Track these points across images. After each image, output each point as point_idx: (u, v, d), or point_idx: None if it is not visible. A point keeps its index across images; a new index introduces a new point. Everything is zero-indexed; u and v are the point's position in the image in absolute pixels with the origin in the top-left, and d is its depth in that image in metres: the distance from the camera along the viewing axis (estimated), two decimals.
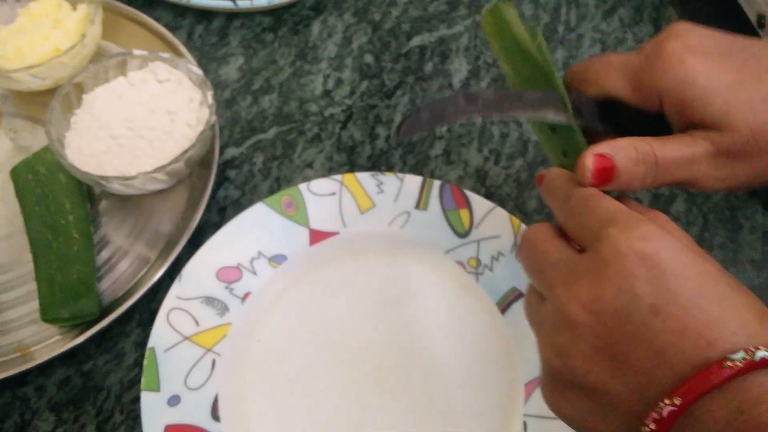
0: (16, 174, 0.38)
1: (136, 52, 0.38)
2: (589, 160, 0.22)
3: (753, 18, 0.44)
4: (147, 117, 0.37)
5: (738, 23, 0.45)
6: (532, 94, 0.24)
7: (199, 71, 0.37)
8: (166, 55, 0.38)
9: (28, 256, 0.36)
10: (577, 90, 0.25)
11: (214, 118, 0.36)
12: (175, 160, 0.34)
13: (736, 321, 0.18)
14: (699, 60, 0.23)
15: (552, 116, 0.24)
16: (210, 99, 0.36)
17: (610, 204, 0.21)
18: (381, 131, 0.42)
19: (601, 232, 0.20)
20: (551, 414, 0.31)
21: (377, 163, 0.41)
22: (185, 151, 0.34)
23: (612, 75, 0.24)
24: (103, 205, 0.38)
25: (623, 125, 0.25)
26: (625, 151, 0.22)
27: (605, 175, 0.22)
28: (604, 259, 0.19)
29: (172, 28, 0.45)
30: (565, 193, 0.23)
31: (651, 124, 0.24)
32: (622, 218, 0.20)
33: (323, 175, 0.40)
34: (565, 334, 0.20)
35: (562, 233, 0.23)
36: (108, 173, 0.35)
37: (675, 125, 0.24)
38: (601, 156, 0.22)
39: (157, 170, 0.34)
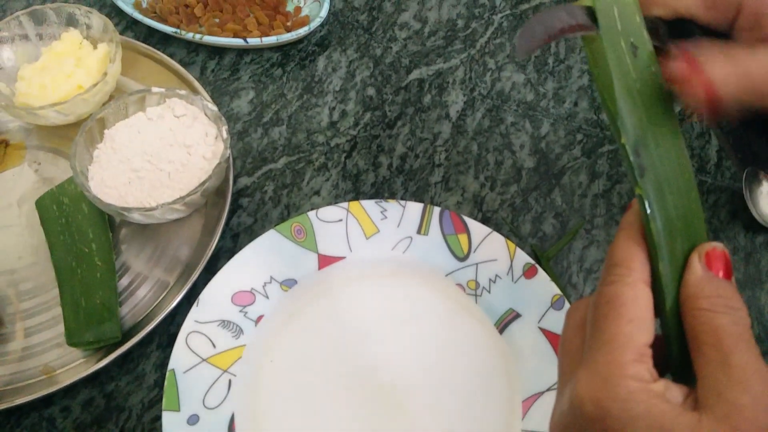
0: (41, 204, 0.40)
1: (155, 89, 0.41)
2: (674, 63, 0.19)
3: None
4: (165, 150, 0.39)
5: None
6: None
7: (213, 107, 0.40)
8: (182, 91, 0.41)
9: (53, 283, 0.38)
10: (645, 11, 0.23)
11: (228, 151, 0.38)
12: (193, 192, 0.37)
13: None
14: None
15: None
16: (225, 133, 0.39)
17: (615, 328, 0.18)
18: (383, 160, 0.44)
19: (583, 362, 0.19)
20: (547, 429, 0.33)
21: (380, 190, 0.43)
22: (202, 183, 0.37)
23: None
24: (123, 233, 0.40)
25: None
26: (708, 48, 0.19)
27: (705, 90, 0.19)
28: (569, 399, 0.19)
29: (186, 64, 0.48)
30: (605, 271, 0.20)
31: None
32: (604, 361, 0.18)
33: (330, 202, 0.42)
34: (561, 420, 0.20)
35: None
36: (130, 204, 0.37)
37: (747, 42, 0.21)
38: (685, 53, 0.19)
39: (176, 201, 0.36)
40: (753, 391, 0.17)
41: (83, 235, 0.38)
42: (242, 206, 0.42)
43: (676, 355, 0.20)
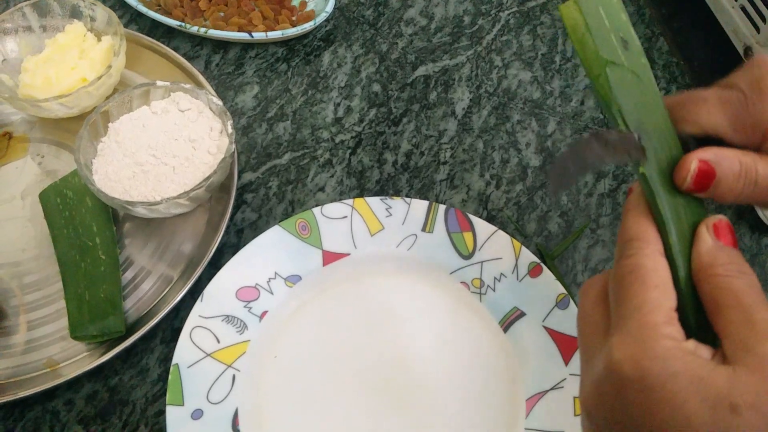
0: (44, 197, 0.40)
1: (159, 83, 0.40)
2: (693, 163, 0.21)
3: (740, 50, 0.46)
4: (170, 145, 0.39)
5: (726, 55, 0.48)
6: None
7: (218, 101, 0.40)
8: (187, 85, 0.40)
9: (57, 276, 0.38)
10: (678, 128, 0.24)
11: (233, 146, 0.38)
12: (198, 186, 0.36)
13: None
14: None
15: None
16: (230, 128, 0.39)
17: (642, 295, 0.20)
18: (388, 157, 0.44)
19: (613, 330, 0.20)
20: (551, 427, 0.33)
21: (385, 187, 0.43)
22: (207, 178, 0.37)
23: (711, 113, 0.23)
24: (127, 227, 0.40)
25: None
26: (729, 162, 0.21)
27: (704, 182, 0.21)
28: (605, 366, 0.19)
29: (191, 58, 0.47)
30: (621, 247, 0.21)
31: None
32: (637, 325, 0.19)
33: (334, 199, 0.42)
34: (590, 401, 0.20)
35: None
36: (134, 198, 0.37)
37: None
38: (705, 162, 0.21)
39: (180, 196, 0.36)
40: None
41: (87, 229, 0.38)
42: (246, 202, 0.42)
43: (692, 321, 0.21)
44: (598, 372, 0.20)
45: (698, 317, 0.20)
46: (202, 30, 0.47)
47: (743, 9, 0.45)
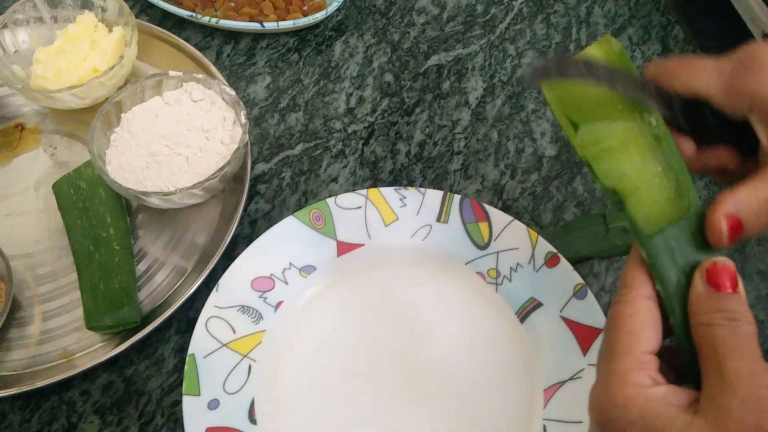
0: (58, 188, 0.40)
1: (172, 73, 0.40)
2: (723, 223, 0.21)
3: (758, 37, 0.46)
4: (183, 135, 0.39)
5: (743, 42, 0.47)
6: (634, 78, 0.24)
7: (231, 91, 0.39)
8: (200, 75, 0.40)
9: (71, 267, 0.38)
10: (663, 83, 0.25)
11: (247, 136, 0.38)
12: (212, 177, 0.36)
13: None
14: None
15: (647, 100, 0.24)
16: (243, 118, 0.38)
17: (614, 341, 0.20)
18: (402, 147, 0.44)
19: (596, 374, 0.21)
20: (569, 418, 0.33)
21: (398, 177, 0.43)
22: (221, 168, 0.36)
23: (704, 74, 0.23)
24: (141, 218, 0.40)
25: (705, 126, 0.25)
26: (747, 204, 0.21)
27: (736, 235, 0.21)
28: (588, 409, 0.20)
29: (202, 48, 0.47)
30: (621, 285, 0.22)
31: (732, 130, 0.24)
32: (606, 372, 0.20)
33: (347, 189, 0.42)
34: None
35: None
36: (148, 189, 0.37)
37: (761, 133, 0.23)
38: (731, 217, 0.21)
39: (194, 186, 0.36)
40: (741, 393, 0.18)
41: (101, 220, 0.38)
42: (260, 192, 0.42)
43: (688, 363, 0.21)
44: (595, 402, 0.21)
45: (693, 360, 0.21)
46: (213, 20, 0.46)
47: None
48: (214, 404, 0.32)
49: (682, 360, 0.21)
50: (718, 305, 0.20)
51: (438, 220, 0.38)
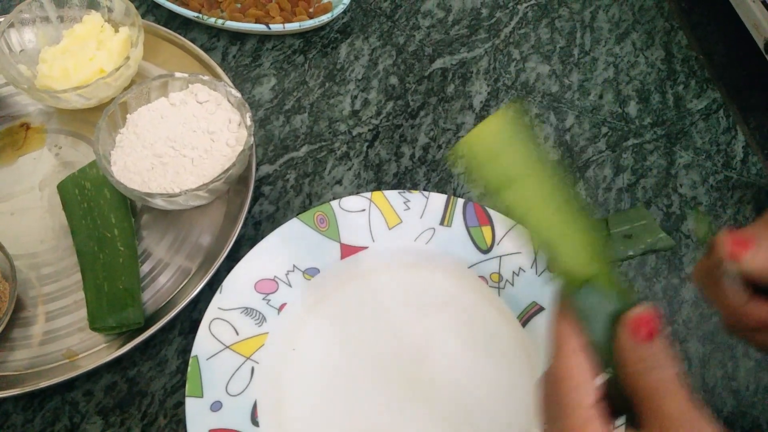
0: (63, 188, 0.40)
1: (178, 74, 0.40)
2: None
3: (760, 44, 0.46)
4: (188, 136, 0.39)
5: (746, 48, 0.47)
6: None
7: (237, 93, 0.39)
8: (205, 77, 0.40)
9: (75, 267, 0.38)
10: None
11: (252, 138, 0.38)
12: (217, 179, 0.36)
13: None
14: None
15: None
16: (248, 120, 0.38)
17: (563, 399, 0.21)
18: (406, 150, 0.44)
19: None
20: None
21: (402, 180, 0.43)
22: (226, 170, 0.36)
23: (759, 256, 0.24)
24: (145, 219, 0.40)
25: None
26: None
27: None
28: None
29: (208, 49, 0.47)
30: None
31: None
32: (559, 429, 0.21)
33: (351, 192, 0.42)
34: None
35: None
36: (153, 190, 0.37)
37: None
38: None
39: (200, 188, 0.36)
40: None
41: (105, 220, 0.38)
42: (264, 194, 0.42)
43: (620, 408, 0.22)
44: None
45: (627, 404, 0.22)
46: (219, 21, 0.46)
47: (763, 2, 0.44)
48: (216, 406, 0.33)
49: (611, 394, 0.22)
50: (642, 355, 0.21)
51: (441, 223, 0.38)
